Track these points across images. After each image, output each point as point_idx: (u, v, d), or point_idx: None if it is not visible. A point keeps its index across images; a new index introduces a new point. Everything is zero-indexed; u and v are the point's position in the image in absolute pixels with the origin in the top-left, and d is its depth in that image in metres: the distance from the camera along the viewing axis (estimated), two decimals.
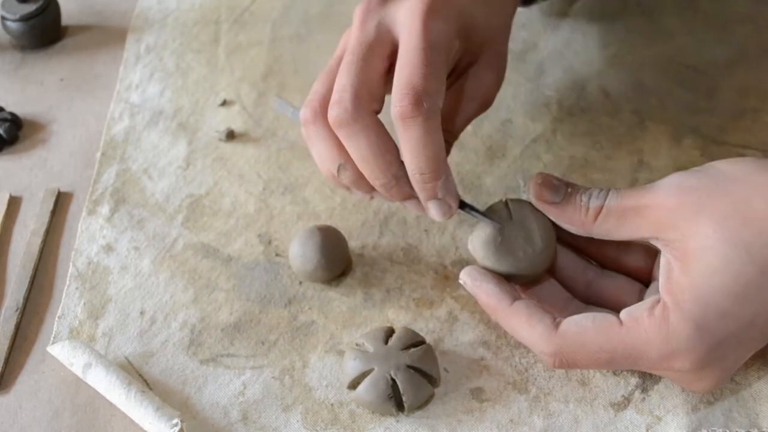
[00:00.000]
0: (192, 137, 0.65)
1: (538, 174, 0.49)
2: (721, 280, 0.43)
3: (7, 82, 0.70)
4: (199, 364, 0.52)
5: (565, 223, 0.48)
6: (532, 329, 0.46)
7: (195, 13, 0.75)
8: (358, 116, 0.47)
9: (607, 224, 0.47)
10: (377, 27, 0.50)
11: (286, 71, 0.69)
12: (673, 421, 0.48)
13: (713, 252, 0.43)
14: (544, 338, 0.46)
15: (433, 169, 0.47)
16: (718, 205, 0.43)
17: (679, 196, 0.45)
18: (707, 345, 0.43)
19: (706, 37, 0.69)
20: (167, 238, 0.59)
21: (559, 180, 0.48)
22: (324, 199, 0.60)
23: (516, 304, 0.47)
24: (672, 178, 0.46)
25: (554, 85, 0.66)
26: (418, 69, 0.47)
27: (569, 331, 0.46)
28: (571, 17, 0.71)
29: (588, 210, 0.47)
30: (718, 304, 0.43)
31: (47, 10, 0.71)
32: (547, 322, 0.46)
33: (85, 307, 0.55)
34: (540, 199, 0.48)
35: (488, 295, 0.48)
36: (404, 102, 0.46)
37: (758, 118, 0.63)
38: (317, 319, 0.54)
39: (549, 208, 0.48)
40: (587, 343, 0.45)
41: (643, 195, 0.46)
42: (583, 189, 0.48)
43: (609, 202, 0.46)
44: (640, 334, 0.44)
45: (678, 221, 0.44)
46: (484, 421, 0.49)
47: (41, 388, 0.52)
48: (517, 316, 0.47)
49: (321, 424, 0.50)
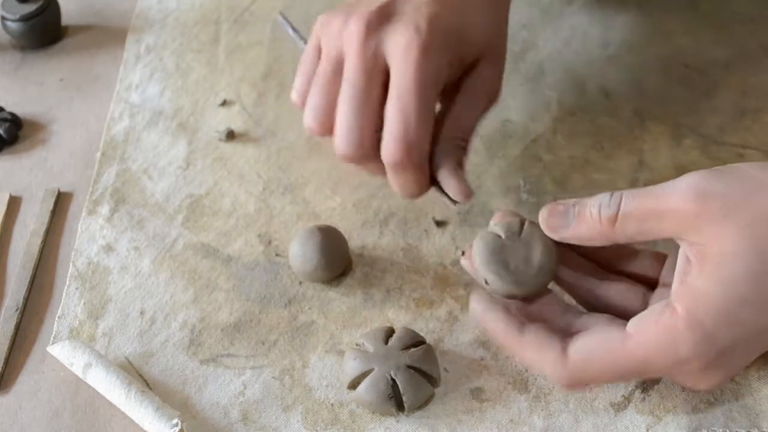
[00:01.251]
0: (192, 137, 0.65)
1: (543, 208, 0.48)
2: (739, 289, 0.42)
3: (7, 82, 0.70)
4: (199, 364, 0.52)
5: (586, 241, 0.47)
6: (542, 358, 0.46)
7: (195, 13, 0.75)
8: (364, 157, 0.51)
9: (628, 229, 0.45)
10: (375, 53, 0.51)
11: (286, 71, 0.69)
12: (673, 421, 0.48)
13: (735, 259, 0.42)
14: (555, 367, 0.45)
15: (416, 195, 0.53)
16: (743, 213, 0.42)
17: (704, 201, 0.43)
18: (715, 351, 0.43)
19: (706, 37, 0.69)
20: (167, 238, 0.59)
21: (563, 203, 0.48)
22: (324, 199, 0.60)
23: (524, 334, 0.46)
24: (694, 180, 0.44)
25: (554, 85, 0.66)
26: (411, 117, 0.50)
27: (577, 357, 0.45)
28: (571, 17, 0.71)
29: (602, 219, 0.46)
30: (733, 313, 0.42)
31: (47, 10, 0.71)
32: (556, 350, 0.45)
33: (85, 307, 0.55)
34: (553, 229, 0.47)
35: (494, 328, 0.47)
36: (397, 153, 0.50)
37: (758, 118, 0.63)
38: (317, 319, 0.54)
39: (565, 235, 0.47)
40: (597, 365, 0.45)
41: (664, 198, 0.44)
42: (590, 201, 0.47)
43: (625, 207, 0.45)
44: (648, 348, 0.44)
45: (702, 225, 0.43)
46: (484, 421, 0.49)
47: (41, 388, 0.52)
48: (526, 347, 0.46)
49: (321, 424, 0.50)
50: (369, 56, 0.51)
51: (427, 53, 0.50)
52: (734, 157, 0.61)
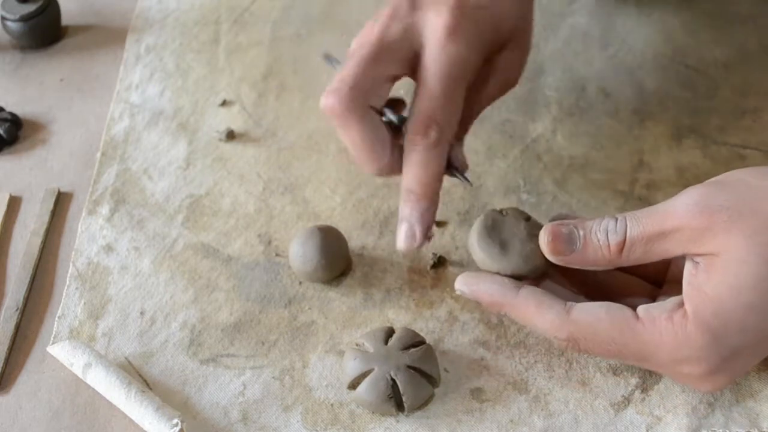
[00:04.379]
0: (192, 137, 0.65)
1: (543, 230, 0.47)
2: (747, 296, 0.42)
3: (7, 82, 0.70)
4: (199, 364, 0.52)
5: (590, 266, 0.47)
6: (543, 316, 0.46)
7: (195, 13, 0.75)
8: (350, 108, 0.48)
9: (635, 255, 0.45)
10: (403, 32, 0.50)
11: (286, 71, 0.69)
12: (674, 422, 0.48)
13: (743, 267, 0.42)
14: (557, 323, 0.45)
15: (421, 192, 0.49)
16: (749, 222, 0.43)
17: (708, 217, 0.43)
18: (720, 355, 0.43)
19: (706, 37, 0.69)
20: (167, 238, 0.59)
21: (566, 224, 0.47)
22: (324, 199, 0.60)
23: (522, 292, 0.47)
24: (696, 195, 0.44)
25: (554, 85, 0.66)
26: (437, 100, 0.49)
27: (582, 317, 0.45)
28: (571, 18, 0.71)
29: (611, 247, 0.45)
30: (740, 319, 0.43)
31: (47, 10, 0.71)
32: (558, 308, 0.46)
33: (85, 307, 0.55)
34: (557, 254, 0.47)
35: (490, 292, 0.48)
36: (419, 130, 0.48)
37: (758, 118, 0.63)
38: (317, 319, 0.54)
39: (570, 260, 0.47)
40: (600, 331, 0.45)
41: (666, 218, 0.44)
42: (595, 224, 0.46)
43: (631, 233, 0.45)
44: (654, 335, 0.44)
45: (708, 240, 0.43)
46: (484, 421, 0.49)
47: (41, 388, 0.52)
48: (526, 305, 0.46)
49: (321, 424, 0.50)
50: (394, 32, 0.49)
51: (456, 36, 0.49)
52: (734, 157, 0.61)
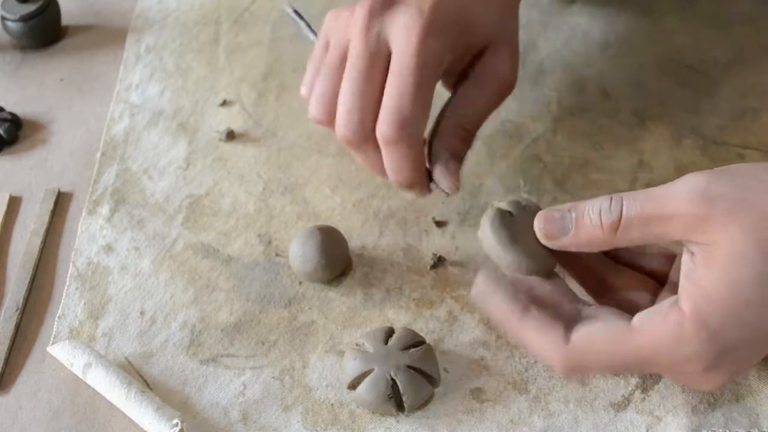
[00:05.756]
0: (192, 137, 0.65)
1: (536, 216, 0.47)
2: (746, 291, 0.42)
3: (7, 82, 0.70)
4: (199, 364, 0.52)
5: (585, 248, 0.46)
6: (542, 340, 0.45)
7: (195, 13, 0.75)
8: (364, 139, 0.51)
9: (631, 234, 0.45)
10: (377, 37, 0.51)
11: (286, 71, 0.69)
12: (674, 422, 0.48)
13: (742, 261, 0.42)
14: (555, 350, 0.45)
15: (409, 182, 0.53)
16: (749, 215, 0.42)
17: (710, 203, 0.43)
18: (719, 351, 0.43)
19: (706, 37, 0.69)
20: (167, 238, 0.59)
21: (559, 208, 0.47)
22: (324, 199, 0.60)
23: (526, 315, 0.46)
24: (697, 182, 0.44)
25: (554, 85, 0.66)
26: (407, 95, 0.50)
27: (579, 343, 0.45)
28: (571, 18, 0.71)
29: (604, 226, 0.45)
30: (738, 315, 0.42)
31: (47, 10, 0.71)
32: (557, 334, 0.45)
33: (85, 307, 0.55)
34: (550, 237, 0.47)
35: (498, 306, 0.47)
36: (390, 128, 0.50)
37: (758, 118, 0.63)
38: (317, 319, 0.54)
39: (564, 242, 0.46)
40: (598, 353, 0.45)
41: (667, 201, 0.44)
42: (588, 205, 0.46)
43: (628, 213, 0.44)
44: (651, 343, 0.44)
45: (708, 227, 0.43)
46: (484, 421, 0.49)
47: (41, 388, 0.52)
48: (527, 328, 0.46)
49: (321, 424, 0.50)
50: (371, 39, 0.51)
51: (428, 34, 0.50)
52: (734, 157, 0.61)
